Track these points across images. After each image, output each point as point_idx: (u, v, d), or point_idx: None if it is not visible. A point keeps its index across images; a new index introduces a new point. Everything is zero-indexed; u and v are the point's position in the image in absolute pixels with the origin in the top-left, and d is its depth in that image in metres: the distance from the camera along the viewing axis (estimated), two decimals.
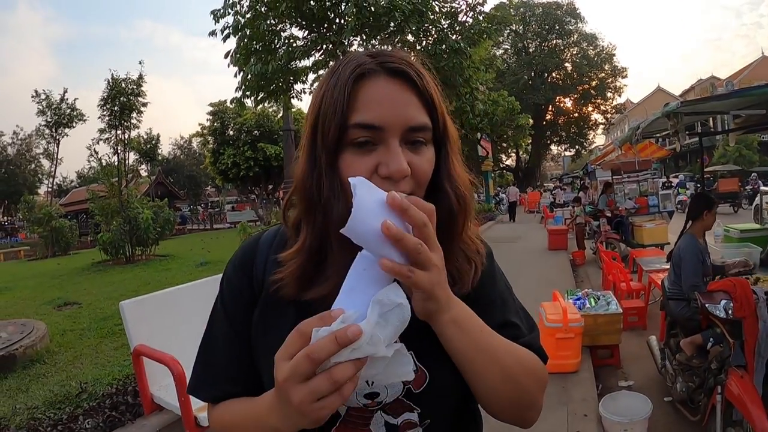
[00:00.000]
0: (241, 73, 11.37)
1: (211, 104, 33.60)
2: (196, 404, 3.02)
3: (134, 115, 14.22)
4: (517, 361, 0.82)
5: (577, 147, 51.39)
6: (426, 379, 0.82)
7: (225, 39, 11.20)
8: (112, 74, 13.95)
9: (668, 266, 6.05)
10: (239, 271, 0.91)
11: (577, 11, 48.33)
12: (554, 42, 48.14)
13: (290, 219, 0.87)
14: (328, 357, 0.59)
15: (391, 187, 0.72)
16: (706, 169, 31.23)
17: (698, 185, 24.30)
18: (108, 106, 13.87)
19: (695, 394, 3.50)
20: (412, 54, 0.83)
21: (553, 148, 57.84)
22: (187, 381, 0.95)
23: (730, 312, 3.12)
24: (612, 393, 3.95)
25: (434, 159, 0.81)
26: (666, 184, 22.35)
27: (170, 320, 3.77)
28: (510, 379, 0.80)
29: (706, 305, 3.29)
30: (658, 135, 6.57)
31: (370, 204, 0.64)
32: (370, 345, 0.60)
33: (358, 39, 11.33)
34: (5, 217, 49.96)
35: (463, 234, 0.85)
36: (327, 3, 11.16)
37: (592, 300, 5.13)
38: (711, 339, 3.39)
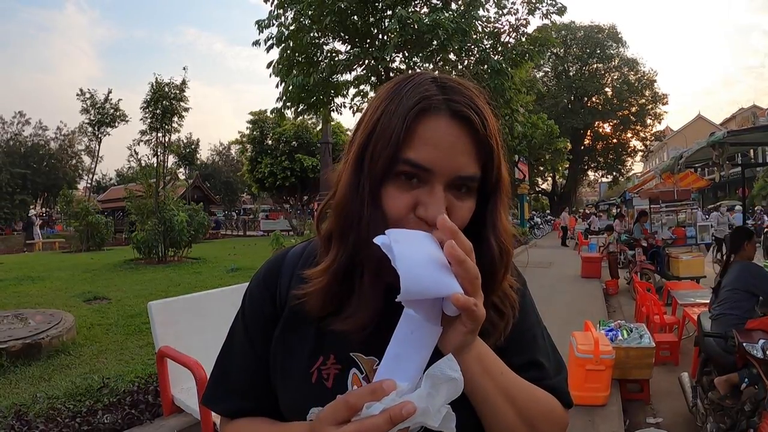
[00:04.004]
0: (283, 84, 11.52)
1: (251, 113, 34.17)
2: None
3: (176, 119, 14.52)
4: (535, 403, 0.80)
5: (614, 173, 50.57)
6: None
7: (268, 49, 11.38)
8: (156, 78, 14.27)
9: (703, 301, 5.94)
10: (262, 287, 0.89)
11: (619, 35, 47.73)
12: (595, 66, 47.63)
13: (323, 231, 0.84)
14: None
15: (426, 229, 0.70)
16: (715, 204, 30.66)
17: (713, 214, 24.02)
18: (150, 109, 14.18)
19: None
20: (454, 70, 0.81)
21: (590, 174, 56.94)
22: (207, 382, 0.94)
23: None
24: (640, 430, 3.83)
25: (474, 207, 0.78)
26: None
27: (197, 324, 3.79)
28: (526, 422, 0.78)
29: (744, 344, 3.16)
30: (698, 165, 6.44)
31: (413, 246, 0.63)
32: (421, 416, 0.59)
33: (401, 55, 11.39)
34: (43, 209, 51.35)
35: (499, 286, 0.82)
36: (370, 18, 11.26)
37: (624, 332, 4.99)
38: (746, 379, 3.25)
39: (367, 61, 11.51)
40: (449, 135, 0.73)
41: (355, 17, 11.12)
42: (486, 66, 11.12)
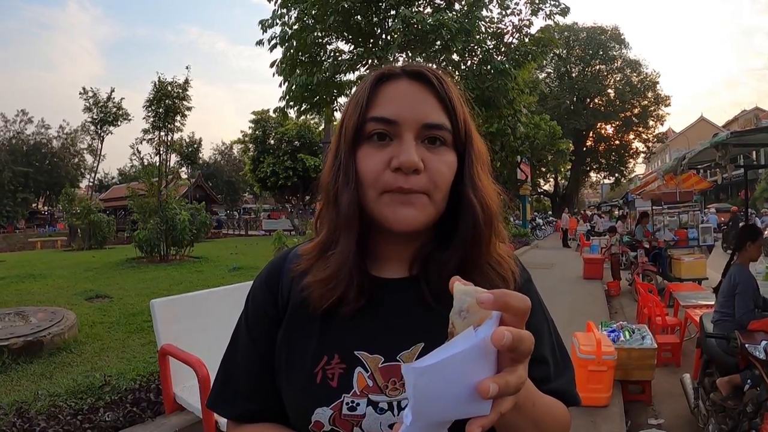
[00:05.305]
0: (286, 84, 11.51)
1: (253, 112, 34.15)
2: None
3: (178, 118, 14.51)
4: (553, 419, 0.79)
5: (616, 175, 50.44)
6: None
7: (272, 49, 11.37)
8: (159, 77, 14.26)
9: (705, 302, 5.93)
10: (264, 289, 0.90)
11: (622, 37, 47.60)
12: (597, 67, 47.47)
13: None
14: None
15: (403, 181, 0.73)
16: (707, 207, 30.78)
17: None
18: (153, 108, 14.18)
19: None
20: (457, 70, 0.83)
21: (592, 175, 56.77)
22: (212, 385, 0.94)
23: None
24: (642, 431, 3.81)
25: (455, 165, 0.80)
26: None
27: (199, 322, 3.78)
28: None
29: (746, 345, 3.15)
30: (700, 166, 6.40)
31: (442, 378, 0.52)
32: None
33: (404, 55, 11.38)
34: (45, 207, 51.54)
35: (490, 248, 0.82)
36: (374, 18, 11.26)
37: (627, 333, 4.97)
38: (748, 380, 3.24)
39: (370, 61, 11.47)
40: (409, 92, 0.79)
41: (359, 17, 11.12)
42: (489, 66, 11.10)
